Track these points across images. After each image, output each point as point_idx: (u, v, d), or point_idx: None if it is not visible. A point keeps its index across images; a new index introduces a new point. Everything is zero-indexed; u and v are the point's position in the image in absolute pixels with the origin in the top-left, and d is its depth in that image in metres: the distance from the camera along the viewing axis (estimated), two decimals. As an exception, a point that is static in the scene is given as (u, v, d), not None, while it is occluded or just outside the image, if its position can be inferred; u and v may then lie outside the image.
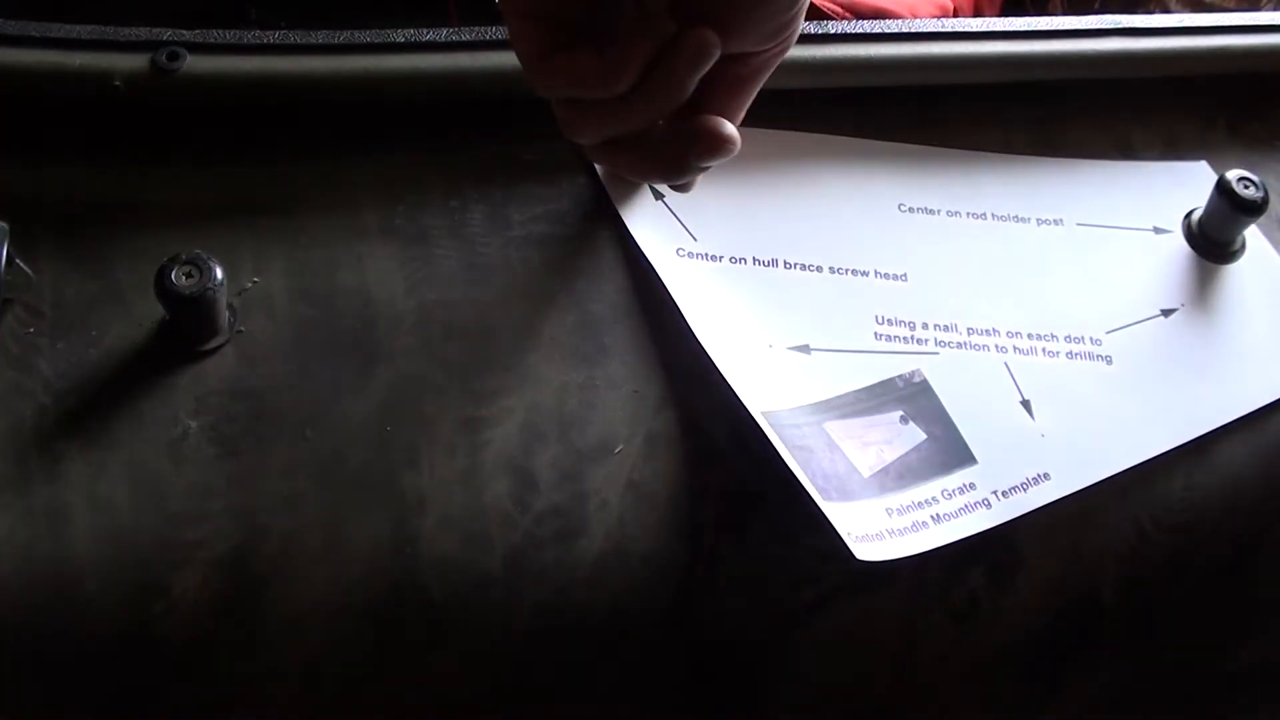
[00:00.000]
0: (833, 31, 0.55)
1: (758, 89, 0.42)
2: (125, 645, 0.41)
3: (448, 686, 0.44)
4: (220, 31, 0.49)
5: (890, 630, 0.48)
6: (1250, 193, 0.55)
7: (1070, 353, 0.53)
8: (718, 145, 0.39)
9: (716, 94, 0.41)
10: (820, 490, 0.45)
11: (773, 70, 0.42)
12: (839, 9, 0.71)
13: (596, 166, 0.54)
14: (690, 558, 0.46)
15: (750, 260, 0.53)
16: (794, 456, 0.46)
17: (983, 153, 0.59)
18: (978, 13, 0.82)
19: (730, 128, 0.39)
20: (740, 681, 0.48)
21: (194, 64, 0.48)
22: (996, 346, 0.52)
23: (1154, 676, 0.53)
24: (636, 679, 0.46)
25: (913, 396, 0.50)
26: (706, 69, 0.38)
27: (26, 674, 0.41)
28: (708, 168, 0.43)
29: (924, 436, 0.49)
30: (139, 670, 0.41)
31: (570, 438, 0.47)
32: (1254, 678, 0.55)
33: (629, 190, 0.53)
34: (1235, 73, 0.62)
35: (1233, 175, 0.55)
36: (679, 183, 0.46)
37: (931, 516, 0.47)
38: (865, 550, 0.44)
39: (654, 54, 0.37)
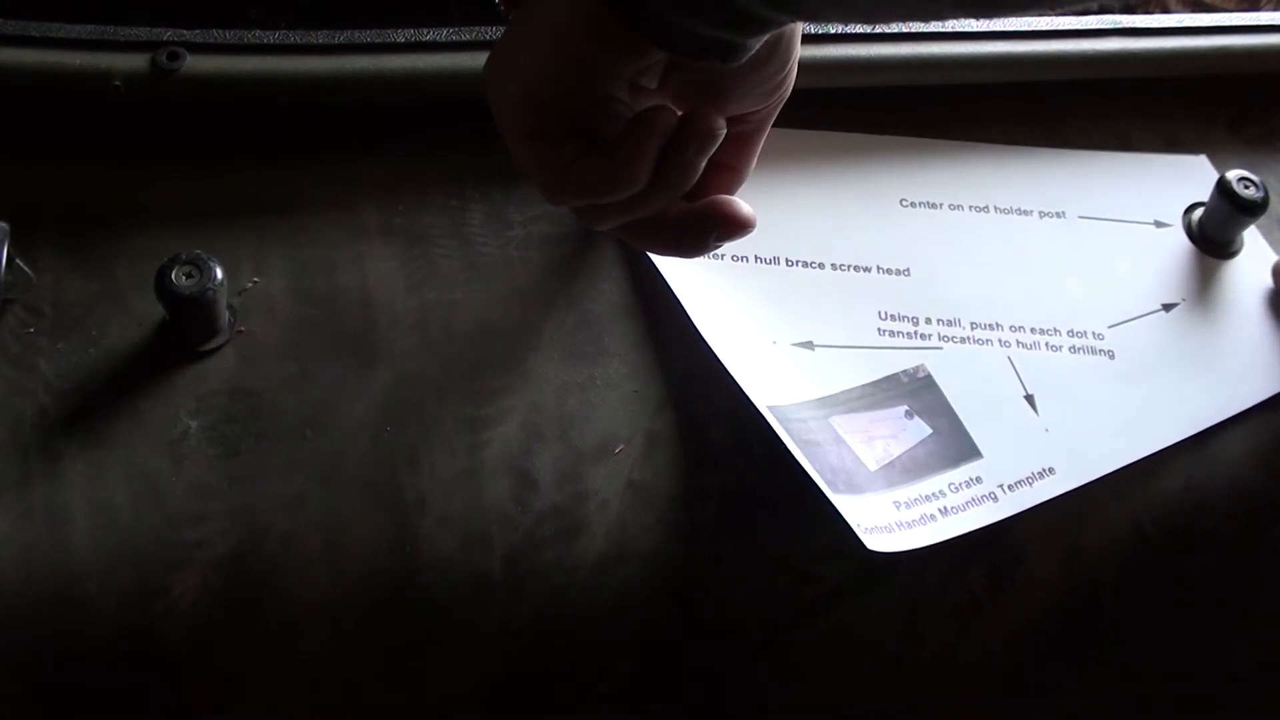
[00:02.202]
0: (833, 32, 0.55)
1: (763, 138, 0.43)
2: (125, 645, 0.41)
3: (448, 686, 0.44)
4: (220, 31, 0.49)
5: (891, 629, 0.48)
6: (1250, 193, 0.55)
7: (1073, 347, 0.53)
8: (736, 228, 0.40)
9: (725, 152, 0.41)
10: (829, 483, 0.45)
11: (774, 119, 0.42)
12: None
13: None
14: (690, 558, 0.46)
15: (752, 258, 0.53)
16: (802, 450, 0.46)
17: (984, 144, 0.59)
18: (978, 12, 0.82)
19: (746, 209, 0.40)
20: (741, 681, 0.47)
21: (194, 64, 0.48)
22: (1000, 341, 0.52)
23: (1154, 676, 0.53)
24: (637, 679, 0.46)
25: (917, 391, 0.50)
26: (716, 148, 0.38)
27: (27, 674, 0.40)
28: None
29: (929, 431, 0.49)
30: (139, 670, 0.41)
31: (570, 437, 0.47)
32: (1254, 678, 0.55)
33: None
34: (1235, 73, 0.62)
35: (1233, 175, 0.55)
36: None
37: (939, 509, 0.47)
38: (876, 542, 0.44)
39: (662, 145, 0.37)
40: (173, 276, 0.43)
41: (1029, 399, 0.51)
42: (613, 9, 0.34)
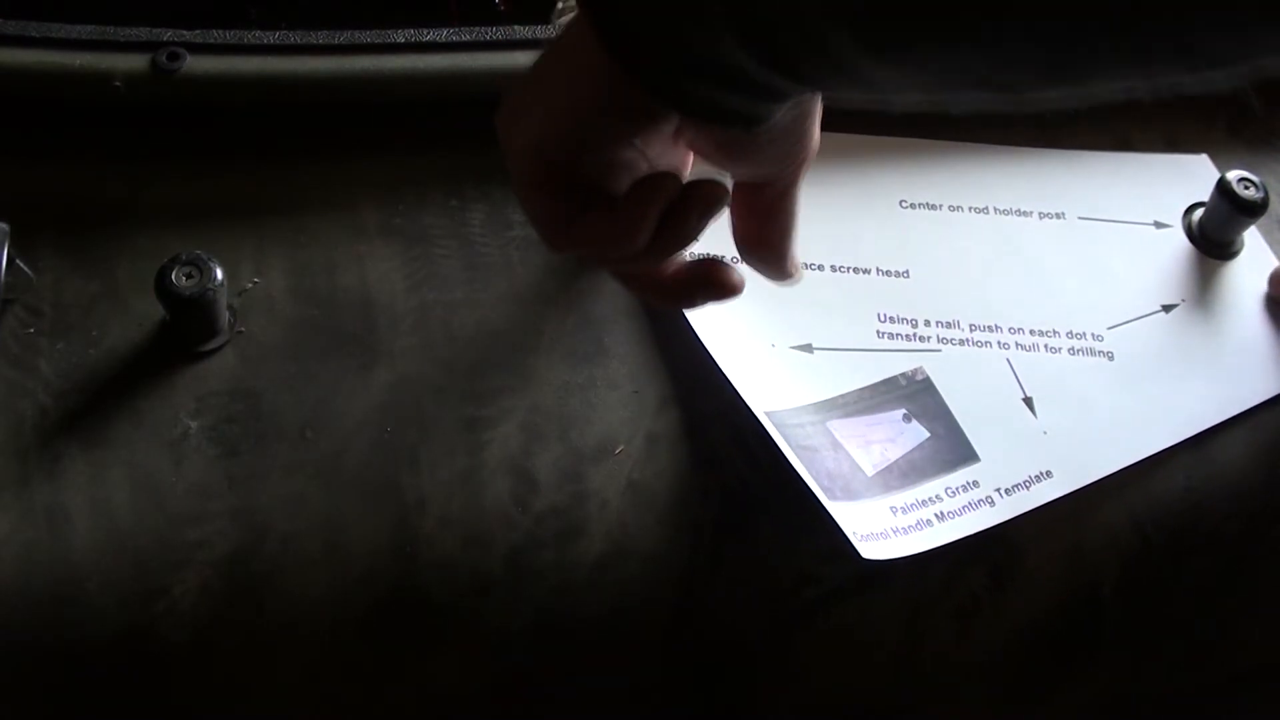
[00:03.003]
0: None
1: (795, 203, 0.42)
2: (125, 645, 0.41)
3: (448, 686, 0.44)
4: (220, 32, 0.49)
5: (891, 630, 0.48)
6: (1250, 193, 0.55)
7: (1072, 349, 0.53)
8: (724, 294, 0.40)
9: (754, 222, 0.42)
10: (825, 490, 0.45)
11: (800, 185, 0.42)
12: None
13: None
14: (691, 558, 0.46)
15: None
16: (798, 456, 0.46)
17: (984, 145, 0.59)
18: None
19: (736, 278, 0.40)
20: (742, 681, 0.47)
21: (194, 64, 0.48)
22: (999, 343, 0.52)
23: (1154, 676, 0.52)
24: (637, 679, 0.46)
25: (916, 394, 0.50)
26: (719, 215, 0.39)
27: (27, 674, 0.40)
28: None
29: (927, 434, 0.49)
30: (139, 670, 0.41)
31: (570, 438, 0.47)
32: (1254, 678, 0.55)
33: None
34: (1235, 73, 0.62)
35: (1233, 176, 0.55)
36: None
37: (935, 514, 0.47)
38: (871, 549, 0.44)
39: (665, 209, 0.37)
40: (173, 277, 0.43)
41: (1027, 401, 0.51)
42: (631, 75, 0.33)
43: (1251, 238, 0.58)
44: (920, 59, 0.30)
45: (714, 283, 0.40)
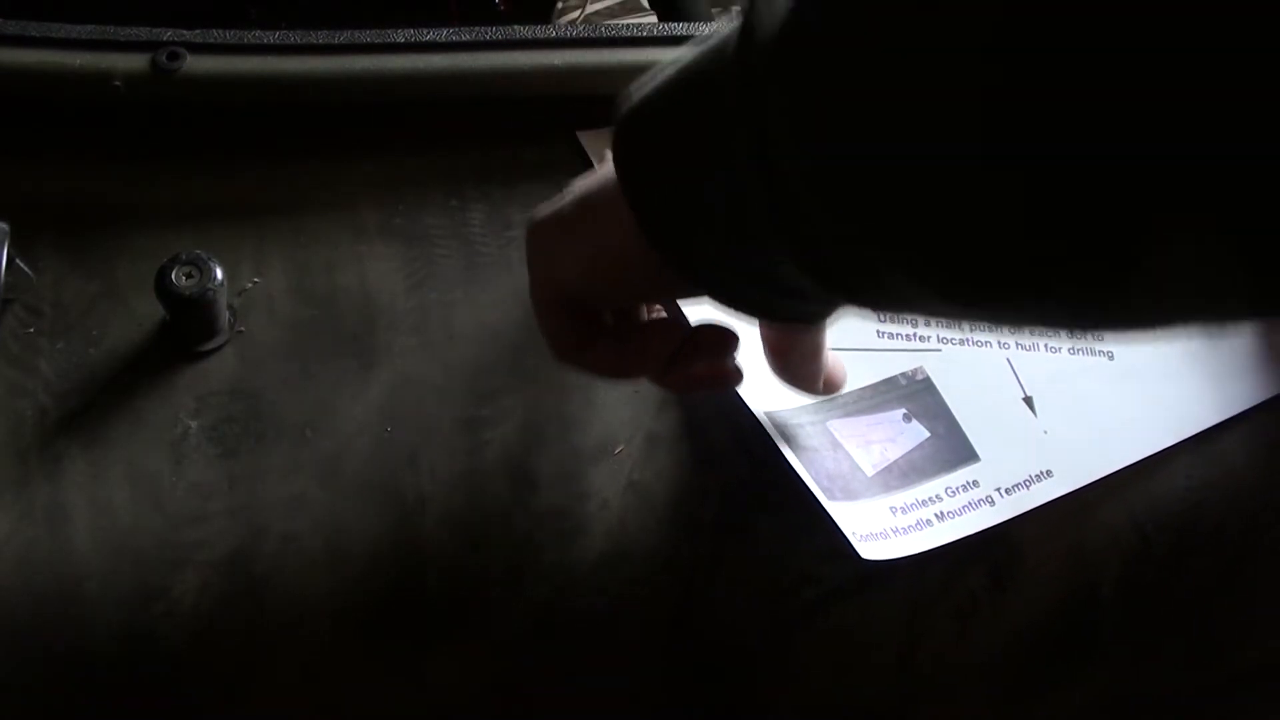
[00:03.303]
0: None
1: (823, 343, 0.42)
2: (126, 645, 0.41)
3: (448, 686, 0.44)
4: (220, 31, 0.49)
5: (891, 630, 0.48)
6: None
7: (1072, 348, 0.53)
8: (721, 388, 0.42)
9: (782, 358, 0.43)
10: (824, 490, 0.45)
11: (824, 332, 0.42)
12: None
13: (595, 167, 0.54)
14: (691, 558, 0.46)
15: None
16: (798, 457, 0.46)
17: None
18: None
19: (735, 373, 0.41)
20: (741, 682, 0.47)
21: (194, 64, 0.48)
22: (999, 343, 0.52)
23: (1154, 676, 0.52)
24: (637, 679, 0.46)
25: (916, 394, 0.50)
26: (729, 358, 0.40)
27: (27, 674, 0.40)
28: None
29: (927, 434, 0.49)
30: (139, 670, 0.41)
31: (570, 438, 0.47)
32: (1254, 678, 0.55)
33: None
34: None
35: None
36: None
37: (935, 514, 0.47)
38: (870, 549, 0.44)
39: (670, 353, 0.39)
40: (173, 277, 0.43)
41: (1028, 401, 0.51)
42: (684, 274, 0.33)
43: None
44: (996, 312, 0.28)
45: (716, 381, 0.41)
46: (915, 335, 0.52)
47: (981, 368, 0.51)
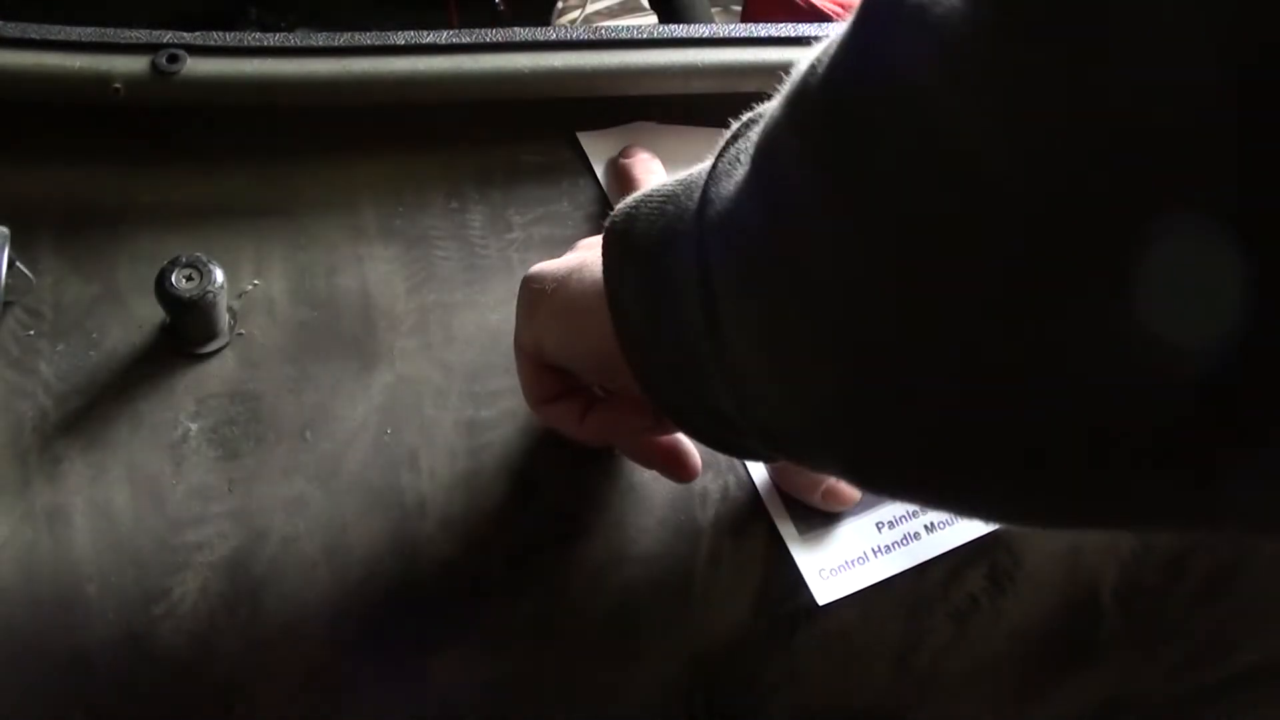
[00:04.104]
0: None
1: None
2: (126, 648, 0.41)
3: (447, 688, 0.44)
4: (220, 34, 0.49)
5: (891, 631, 0.48)
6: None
7: None
8: (678, 474, 0.44)
9: (779, 472, 0.46)
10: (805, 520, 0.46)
11: None
12: (840, 11, 0.71)
13: (595, 169, 0.54)
14: (690, 559, 0.46)
15: None
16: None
17: None
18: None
19: (694, 469, 0.44)
20: (740, 683, 0.47)
21: (194, 66, 0.48)
22: None
23: (1153, 678, 0.52)
24: (637, 681, 0.46)
25: None
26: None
27: (27, 676, 0.40)
28: None
29: None
30: (139, 672, 0.41)
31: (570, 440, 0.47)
32: (1254, 679, 0.55)
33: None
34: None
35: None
36: None
37: (925, 526, 0.47)
38: (826, 590, 0.45)
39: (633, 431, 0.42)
40: (173, 279, 0.43)
41: None
42: (668, 416, 0.36)
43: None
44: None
45: (678, 467, 0.43)
46: None
47: None
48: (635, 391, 0.36)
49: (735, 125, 0.32)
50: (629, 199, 0.36)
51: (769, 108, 0.29)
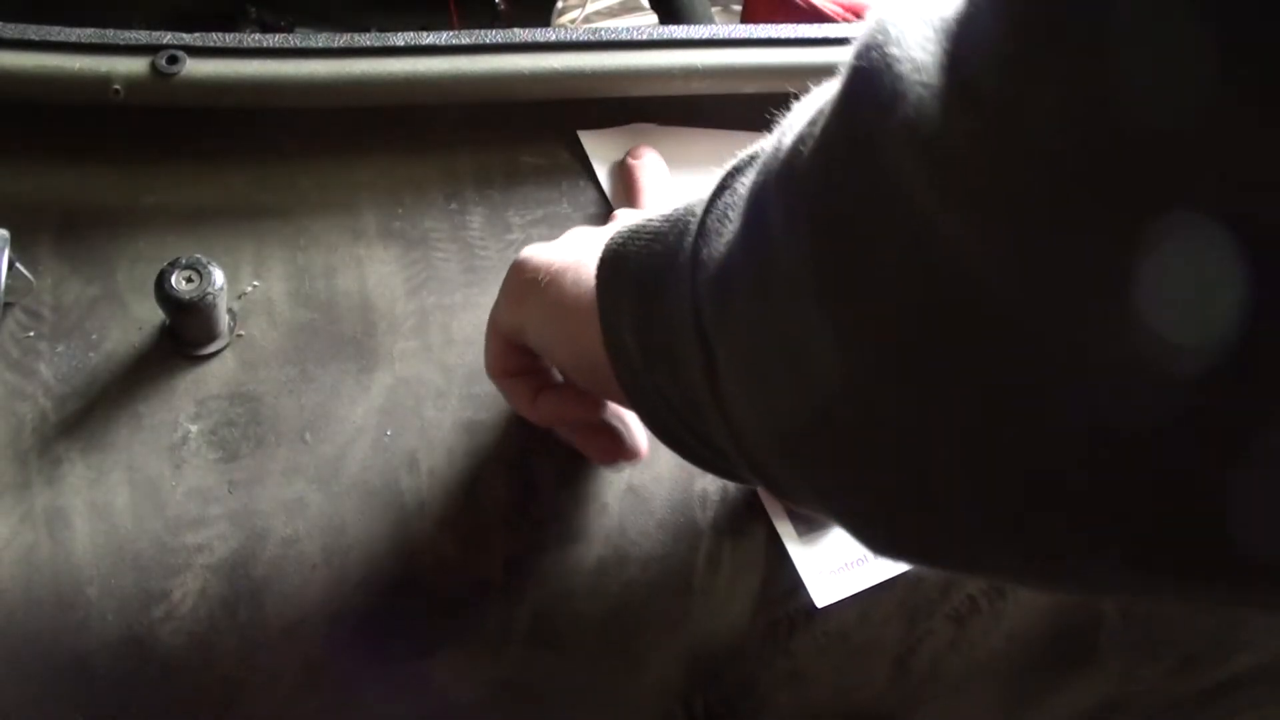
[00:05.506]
0: (834, 36, 0.55)
1: None
2: (126, 649, 0.41)
3: (447, 690, 0.44)
4: (220, 35, 0.49)
5: (890, 633, 0.48)
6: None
7: None
8: (620, 459, 0.45)
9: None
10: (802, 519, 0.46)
11: None
12: (840, 11, 0.71)
13: (595, 167, 0.54)
14: (689, 561, 0.46)
15: None
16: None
17: None
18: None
19: (633, 454, 0.44)
20: (740, 684, 0.48)
21: (193, 67, 0.48)
22: None
23: (1151, 680, 0.53)
24: (636, 682, 0.46)
25: None
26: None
27: (27, 678, 0.41)
28: None
29: None
30: (139, 674, 0.41)
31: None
32: (1253, 681, 0.55)
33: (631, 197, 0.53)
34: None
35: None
36: None
37: None
38: (827, 591, 0.45)
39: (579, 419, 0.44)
40: (172, 281, 0.43)
41: None
42: (625, 394, 0.37)
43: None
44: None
45: (620, 455, 0.44)
46: None
47: None
48: (612, 398, 0.37)
49: (721, 174, 0.33)
50: (619, 231, 0.37)
51: (757, 163, 0.30)
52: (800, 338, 0.26)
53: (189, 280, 0.43)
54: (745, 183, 0.30)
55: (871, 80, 0.23)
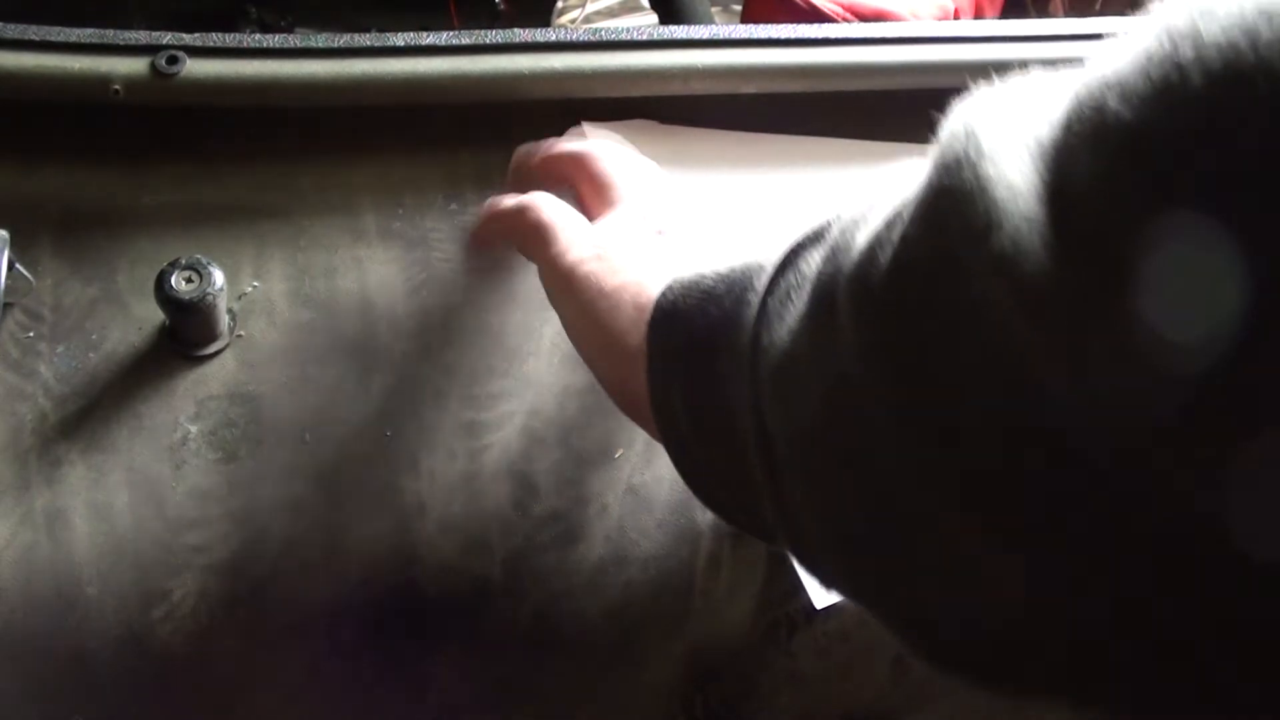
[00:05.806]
0: (834, 36, 0.55)
1: None
2: (125, 650, 0.41)
3: (448, 690, 0.44)
4: (219, 35, 0.49)
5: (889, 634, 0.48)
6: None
7: None
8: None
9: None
10: None
11: None
12: (840, 11, 0.71)
13: None
14: (690, 561, 0.46)
15: None
16: None
17: None
18: (978, 15, 0.82)
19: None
20: (741, 682, 0.48)
21: (193, 68, 0.48)
22: None
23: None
24: (636, 683, 0.46)
25: None
26: None
27: (27, 678, 0.41)
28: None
29: None
30: (139, 674, 0.41)
31: (570, 442, 0.47)
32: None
33: None
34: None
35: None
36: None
37: None
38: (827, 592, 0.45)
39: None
40: (172, 281, 0.43)
41: None
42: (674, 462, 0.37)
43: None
44: None
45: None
46: None
47: None
48: (641, 425, 0.38)
49: (783, 252, 0.32)
50: (671, 287, 0.36)
51: (823, 245, 0.29)
52: (869, 450, 0.25)
53: (189, 281, 0.43)
54: (811, 265, 0.29)
55: (962, 202, 0.21)
